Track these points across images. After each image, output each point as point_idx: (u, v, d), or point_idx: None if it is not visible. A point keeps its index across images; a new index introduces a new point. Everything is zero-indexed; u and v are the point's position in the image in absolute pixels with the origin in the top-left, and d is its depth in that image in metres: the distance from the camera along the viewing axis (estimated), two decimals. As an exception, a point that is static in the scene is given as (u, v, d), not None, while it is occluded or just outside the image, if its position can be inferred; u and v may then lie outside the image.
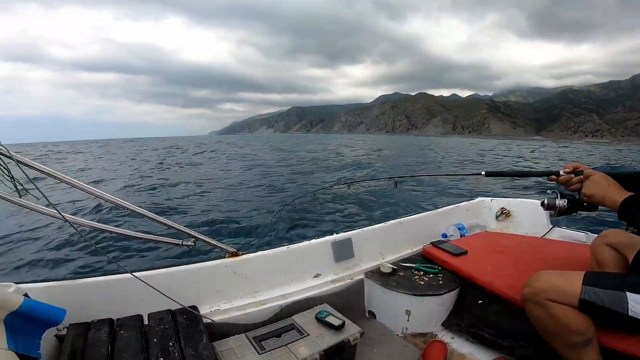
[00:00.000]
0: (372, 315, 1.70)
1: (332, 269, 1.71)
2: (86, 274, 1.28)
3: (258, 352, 1.12)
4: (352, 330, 1.27)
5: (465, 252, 1.77)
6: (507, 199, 2.45)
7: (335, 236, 1.75)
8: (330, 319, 1.30)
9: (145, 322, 1.15)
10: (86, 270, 3.77)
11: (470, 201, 2.48)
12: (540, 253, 1.73)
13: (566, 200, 1.22)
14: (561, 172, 1.22)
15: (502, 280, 1.44)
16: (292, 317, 1.35)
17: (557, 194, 1.24)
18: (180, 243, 1.32)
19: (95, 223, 1.23)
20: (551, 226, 2.18)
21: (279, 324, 1.31)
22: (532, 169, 1.37)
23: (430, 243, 1.94)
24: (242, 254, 1.50)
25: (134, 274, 1.16)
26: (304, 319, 1.33)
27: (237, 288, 1.45)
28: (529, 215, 2.27)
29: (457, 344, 1.50)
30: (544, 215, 2.20)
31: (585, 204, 1.20)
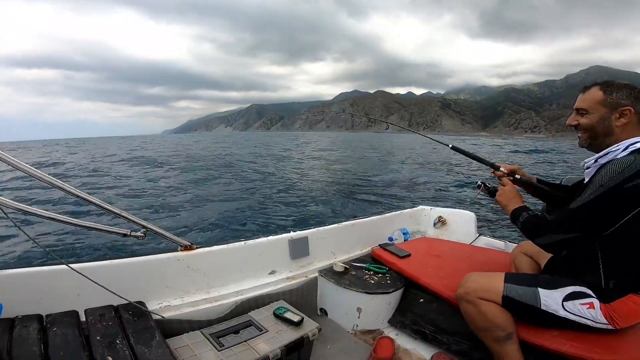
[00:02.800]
0: (324, 312, 1.75)
1: (288, 266, 1.74)
2: (12, 266, 1.13)
3: (217, 349, 1.08)
4: (310, 326, 1.29)
5: (409, 255, 1.90)
6: (444, 208, 2.70)
7: (292, 234, 1.78)
8: (289, 315, 1.31)
9: (82, 318, 1.04)
10: (12, 262, 3.23)
11: (413, 208, 2.69)
12: (469, 258, 1.94)
13: (487, 191, 1.48)
14: (501, 168, 1.44)
15: (440, 281, 1.58)
16: (249, 313, 1.33)
17: (483, 185, 1.50)
18: (128, 233, 1.19)
19: (27, 206, 1.01)
20: (477, 235, 2.47)
21: (236, 320, 1.27)
22: (484, 158, 1.56)
23: (379, 245, 2.06)
24: (197, 248, 1.45)
25: (70, 265, 1.04)
26: (261, 315, 1.32)
27: (190, 283, 1.39)
28: (460, 224, 2.54)
29: (402, 340, 1.59)
30: (472, 226, 2.49)
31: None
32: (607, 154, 1.10)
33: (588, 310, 1.10)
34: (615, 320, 1.09)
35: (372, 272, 1.80)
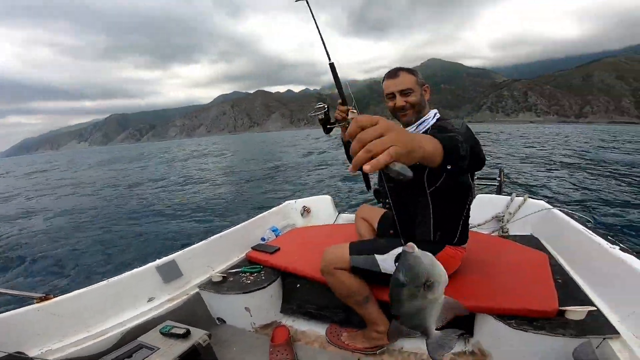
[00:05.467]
0: (222, 320, 1.87)
1: (165, 290, 1.78)
2: None
3: (112, 377, 1.16)
4: (199, 334, 1.42)
5: (278, 249, 2.15)
6: (306, 198, 2.99)
7: (157, 261, 1.81)
8: (175, 330, 1.42)
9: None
10: None
11: (280, 206, 2.91)
12: (331, 237, 2.25)
13: (324, 115, 1.53)
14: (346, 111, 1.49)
15: (307, 264, 1.81)
16: (138, 339, 1.39)
17: (326, 108, 1.54)
18: None
19: None
20: (337, 213, 2.86)
21: (125, 347, 1.33)
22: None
23: (252, 248, 2.25)
24: (55, 297, 1.42)
25: None
26: (150, 337, 1.40)
27: (63, 327, 1.37)
28: (322, 209, 2.88)
29: (298, 325, 1.83)
30: (331, 207, 2.87)
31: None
32: (423, 121, 1.34)
33: None
34: None
35: (248, 274, 1.97)
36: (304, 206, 2.89)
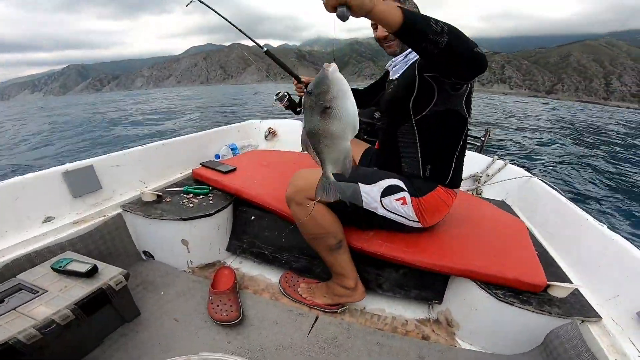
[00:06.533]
0: (149, 255, 1.52)
1: (71, 207, 1.36)
2: None
3: (-31, 329, 0.83)
4: (110, 273, 1.08)
5: (234, 169, 1.77)
6: (274, 120, 2.66)
7: (67, 165, 1.37)
8: (73, 266, 1.07)
9: None
10: None
11: (241, 123, 2.56)
12: (300, 164, 1.91)
13: (288, 102, 1.65)
14: (303, 79, 1.52)
15: (268, 192, 1.51)
16: (17, 277, 1.04)
17: (287, 95, 1.62)
18: None
19: None
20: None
21: None
22: (292, 70, 1.54)
23: (200, 164, 1.84)
24: None
25: None
26: (35, 276, 1.05)
27: None
28: (291, 134, 2.57)
29: (247, 268, 1.54)
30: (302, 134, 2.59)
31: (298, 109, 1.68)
32: (412, 51, 1.16)
33: (401, 206, 1.15)
34: (423, 216, 1.18)
35: (191, 195, 1.60)
36: (270, 128, 2.55)
